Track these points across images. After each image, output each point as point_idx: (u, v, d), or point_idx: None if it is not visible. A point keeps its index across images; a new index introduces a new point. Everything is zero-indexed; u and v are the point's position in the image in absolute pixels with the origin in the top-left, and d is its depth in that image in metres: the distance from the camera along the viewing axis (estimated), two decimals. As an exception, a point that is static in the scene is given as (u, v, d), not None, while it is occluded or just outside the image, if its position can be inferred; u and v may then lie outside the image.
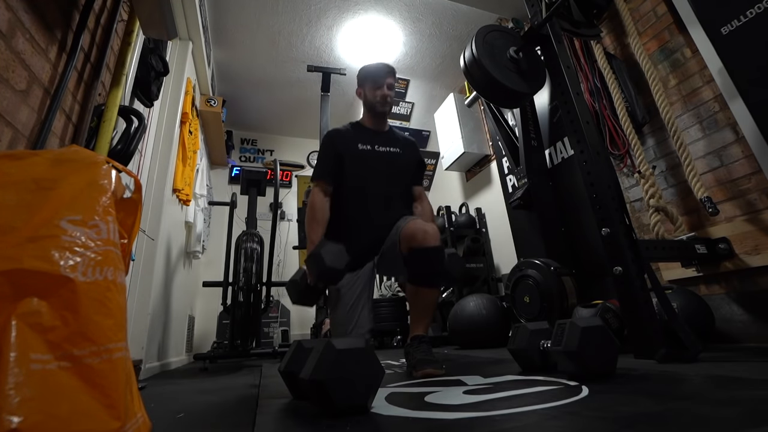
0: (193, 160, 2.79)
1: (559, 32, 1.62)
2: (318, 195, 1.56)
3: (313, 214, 1.52)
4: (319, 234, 1.49)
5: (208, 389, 1.40)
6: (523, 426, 0.58)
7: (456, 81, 3.93)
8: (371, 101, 1.66)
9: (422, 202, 1.73)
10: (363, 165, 1.59)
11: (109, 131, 1.17)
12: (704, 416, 0.56)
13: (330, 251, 1.33)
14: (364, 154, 1.61)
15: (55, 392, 0.45)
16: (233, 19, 3.03)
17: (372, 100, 1.66)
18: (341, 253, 1.34)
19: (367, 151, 1.62)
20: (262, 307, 2.54)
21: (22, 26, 0.89)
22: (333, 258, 1.31)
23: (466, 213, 3.58)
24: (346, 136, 1.65)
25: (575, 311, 1.61)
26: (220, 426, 0.84)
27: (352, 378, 0.73)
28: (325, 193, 1.57)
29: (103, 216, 0.58)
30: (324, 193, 1.56)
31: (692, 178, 1.67)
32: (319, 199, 1.55)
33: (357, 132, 1.67)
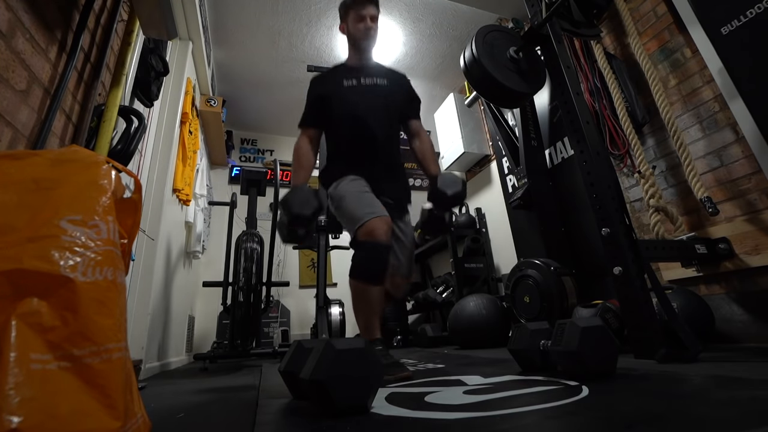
0: (193, 160, 2.79)
1: (559, 32, 1.62)
2: (302, 140, 1.55)
3: (297, 160, 1.52)
4: (302, 178, 1.48)
5: (208, 389, 1.40)
6: (523, 426, 0.58)
7: (456, 81, 3.93)
8: (354, 34, 1.61)
9: (420, 136, 1.66)
10: (350, 100, 1.56)
11: (109, 131, 1.17)
12: (704, 416, 0.56)
13: (298, 197, 1.33)
14: (350, 89, 1.58)
15: (55, 392, 0.45)
16: (233, 19, 3.02)
17: (355, 34, 1.61)
18: (310, 199, 1.33)
19: (352, 87, 1.58)
20: (262, 307, 2.54)
21: (22, 26, 0.89)
22: (300, 204, 1.31)
23: (466, 213, 3.58)
24: (329, 77, 1.63)
25: (575, 311, 1.61)
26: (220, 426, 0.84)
27: (352, 378, 0.73)
28: (310, 138, 1.56)
29: (103, 216, 0.58)
30: (308, 138, 1.55)
31: (692, 178, 1.67)
32: (304, 143, 1.54)
33: (341, 70, 1.65)
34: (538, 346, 1.10)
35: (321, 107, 1.57)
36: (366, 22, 1.59)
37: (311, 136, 1.57)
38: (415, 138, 1.67)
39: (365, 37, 1.60)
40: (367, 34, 1.60)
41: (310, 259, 4.23)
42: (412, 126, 1.67)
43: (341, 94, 1.56)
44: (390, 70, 1.71)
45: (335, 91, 1.57)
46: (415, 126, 1.68)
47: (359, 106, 1.54)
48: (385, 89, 1.61)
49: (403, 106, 1.66)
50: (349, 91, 1.57)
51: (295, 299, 4.03)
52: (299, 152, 1.53)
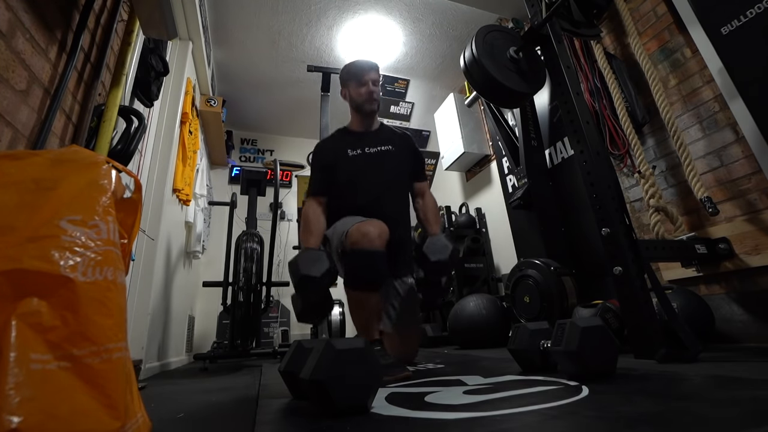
0: (193, 160, 2.79)
1: (559, 32, 1.62)
2: (312, 206, 1.53)
3: (306, 225, 1.48)
4: (312, 244, 1.44)
5: (208, 389, 1.40)
6: (523, 426, 0.58)
7: (456, 81, 3.93)
8: (357, 101, 1.62)
9: (424, 197, 1.68)
10: (355, 171, 1.55)
11: (109, 131, 1.17)
12: (704, 416, 0.56)
13: (307, 258, 1.27)
14: (355, 159, 1.57)
15: (55, 392, 0.45)
16: (233, 19, 3.02)
17: (357, 99, 1.61)
18: (319, 260, 1.27)
19: (357, 156, 1.58)
20: (262, 307, 2.54)
21: (22, 26, 0.89)
22: (308, 265, 1.25)
23: (466, 213, 3.58)
24: (334, 145, 1.62)
25: (575, 311, 1.61)
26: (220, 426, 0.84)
27: (352, 378, 0.73)
28: (319, 203, 1.54)
29: (103, 216, 0.58)
30: (318, 203, 1.54)
31: (692, 178, 1.67)
32: (313, 209, 1.52)
33: (345, 138, 1.64)
34: (538, 346, 1.10)
35: (327, 175, 1.57)
36: (368, 86, 1.60)
37: (320, 202, 1.55)
38: (418, 198, 1.68)
39: (368, 101, 1.60)
40: (369, 98, 1.60)
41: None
42: (416, 187, 1.69)
43: (346, 164, 1.56)
44: (394, 133, 1.71)
45: (340, 161, 1.57)
46: (419, 187, 1.70)
47: (364, 176, 1.55)
48: (391, 157, 1.60)
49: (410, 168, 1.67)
50: (353, 160, 1.57)
51: (295, 299, 4.03)
52: (308, 218, 1.50)
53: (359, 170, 1.56)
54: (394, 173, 1.60)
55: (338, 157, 1.58)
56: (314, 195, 1.56)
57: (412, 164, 1.69)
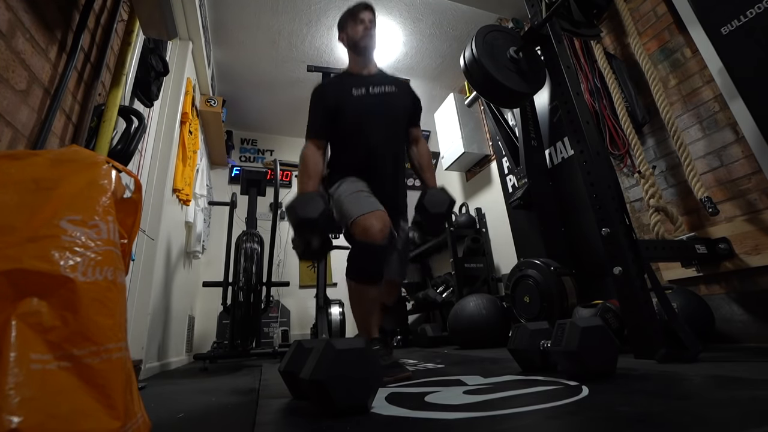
0: (193, 160, 2.79)
1: (559, 32, 1.62)
2: (310, 149, 1.52)
3: (305, 168, 1.49)
4: (310, 187, 1.45)
5: (208, 389, 1.40)
6: (523, 426, 0.58)
7: (456, 81, 3.93)
8: (353, 38, 1.61)
9: (419, 144, 1.70)
10: (361, 110, 1.54)
11: (109, 131, 1.17)
12: (704, 416, 0.56)
13: (303, 200, 1.30)
14: (360, 99, 1.56)
15: (55, 392, 0.45)
16: (233, 19, 3.02)
17: (354, 37, 1.60)
18: (316, 202, 1.30)
19: (362, 96, 1.56)
20: (262, 307, 2.54)
21: (22, 26, 0.89)
22: (306, 208, 1.28)
23: (466, 213, 3.58)
24: (337, 86, 1.61)
25: (575, 311, 1.61)
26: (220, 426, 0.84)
27: (352, 378, 0.73)
28: (318, 147, 1.54)
29: (103, 216, 0.58)
30: (316, 147, 1.53)
31: (692, 178, 1.67)
32: (312, 152, 1.51)
33: (347, 80, 1.63)
34: (538, 346, 1.10)
35: (328, 116, 1.55)
36: (364, 23, 1.60)
37: (319, 146, 1.54)
38: (413, 145, 1.69)
39: (364, 36, 1.59)
40: (366, 34, 1.59)
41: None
42: (412, 133, 1.69)
43: (352, 105, 1.55)
44: (395, 77, 1.71)
45: (344, 100, 1.55)
46: (414, 133, 1.70)
47: (370, 115, 1.54)
48: (393, 98, 1.61)
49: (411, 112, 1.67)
50: (358, 100, 1.56)
51: (295, 299, 4.03)
52: (307, 161, 1.50)
53: (365, 109, 1.55)
54: (398, 113, 1.61)
55: (342, 97, 1.56)
56: (313, 137, 1.55)
57: (413, 107, 1.69)
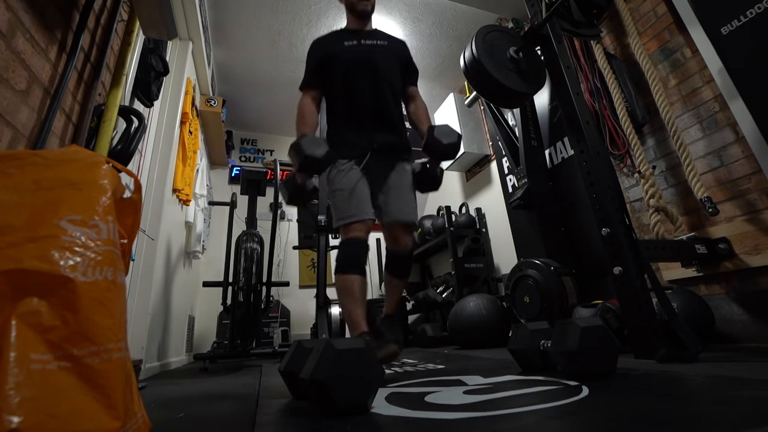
0: (193, 160, 2.79)
1: (559, 32, 1.62)
2: (305, 100, 1.60)
3: (302, 117, 1.57)
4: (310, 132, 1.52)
5: (208, 389, 1.40)
6: (523, 426, 0.58)
7: (456, 81, 3.93)
8: (351, 1, 1.66)
9: (416, 101, 1.73)
10: (351, 60, 1.59)
11: (109, 131, 1.17)
12: (704, 416, 0.56)
13: (309, 141, 1.36)
14: (351, 48, 1.61)
15: (55, 392, 0.45)
16: (233, 19, 3.02)
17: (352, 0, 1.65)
18: (320, 143, 1.37)
19: (353, 46, 1.62)
20: (262, 307, 2.54)
21: (22, 26, 0.89)
22: (312, 147, 1.34)
23: (466, 213, 3.58)
24: (330, 39, 1.67)
25: (575, 311, 1.61)
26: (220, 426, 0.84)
27: (352, 378, 0.73)
28: (313, 98, 1.61)
29: (103, 216, 0.58)
30: (311, 98, 1.60)
31: (692, 178, 1.67)
32: (307, 102, 1.59)
33: (341, 33, 1.69)
34: (538, 346, 1.10)
35: (322, 68, 1.61)
36: None
37: (314, 96, 1.61)
38: (410, 102, 1.73)
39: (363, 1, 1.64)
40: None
41: (310, 259, 4.23)
42: (409, 91, 1.74)
43: (342, 53, 1.60)
44: (389, 35, 1.76)
45: (336, 51, 1.61)
46: (411, 91, 1.74)
47: (360, 63, 1.59)
48: (385, 49, 1.66)
49: (402, 70, 1.70)
50: (349, 50, 1.61)
51: (295, 299, 4.03)
52: (303, 111, 1.58)
53: (355, 57, 1.60)
54: (389, 65, 1.64)
55: (335, 48, 1.62)
56: (308, 87, 1.62)
57: (406, 67, 1.72)
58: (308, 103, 1.59)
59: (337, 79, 1.59)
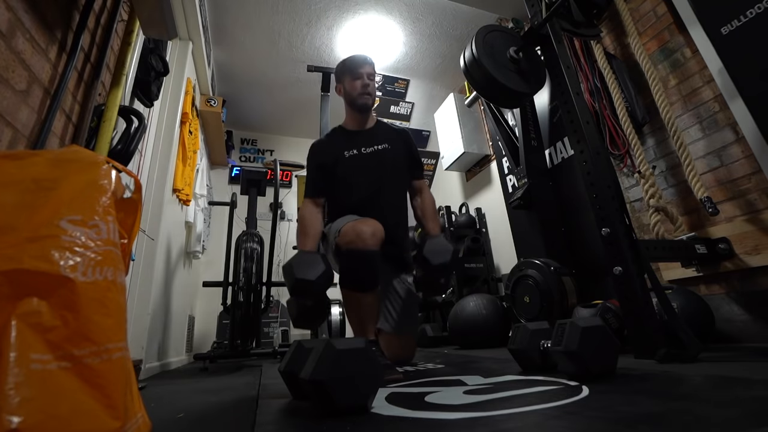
0: (193, 160, 2.79)
1: (559, 32, 1.62)
2: (308, 207, 1.52)
3: (303, 227, 1.48)
4: (308, 246, 1.42)
5: (208, 389, 1.39)
6: (523, 426, 0.58)
7: (456, 81, 3.93)
8: (351, 95, 1.61)
9: (422, 194, 1.68)
10: (352, 173, 1.55)
11: (109, 131, 1.17)
12: (704, 416, 0.55)
13: (301, 261, 1.25)
14: (352, 161, 1.57)
15: (55, 392, 0.45)
16: (233, 19, 3.02)
17: (351, 93, 1.61)
18: (314, 263, 1.25)
19: (353, 157, 1.57)
20: (262, 307, 2.54)
21: (22, 26, 0.89)
22: (303, 269, 1.22)
23: (466, 213, 3.58)
24: (329, 146, 1.61)
25: (575, 311, 1.61)
26: (220, 426, 0.84)
27: (353, 378, 0.73)
28: (316, 205, 1.54)
29: (103, 216, 0.58)
30: (314, 205, 1.53)
31: (692, 178, 1.67)
32: (309, 210, 1.51)
33: (340, 138, 1.63)
34: (538, 346, 1.10)
35: (324, 175, 1.56)
36: (363, 79, 1.59)
37: (317, 204, 1.55)
38: (416, 196, 1.68)
39: (361, 94, 1.59)
40: (364, 92, 1.59)
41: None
42: (414, 185, 1.69)
43: (343, 165, 1.56)
44: (391, 130, 1.70)
45: (338, 161, 1.56)
46: (417, 185, 1.69)
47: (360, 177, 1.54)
48: (386, 155, 1.60)
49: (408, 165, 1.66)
50: (350, 161, 1.57)
51: (295, 299, 4.02)
52: (305, 220, 1.49)
53: (355, 171, 1.56)
54: (391, 172, 1.60)
55: (335, 157, 1.58)
56: (311, 196, 1.55)
57: (410, 161, 1.68)
58: (311, 212, 1.50)
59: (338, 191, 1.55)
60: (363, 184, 1.54)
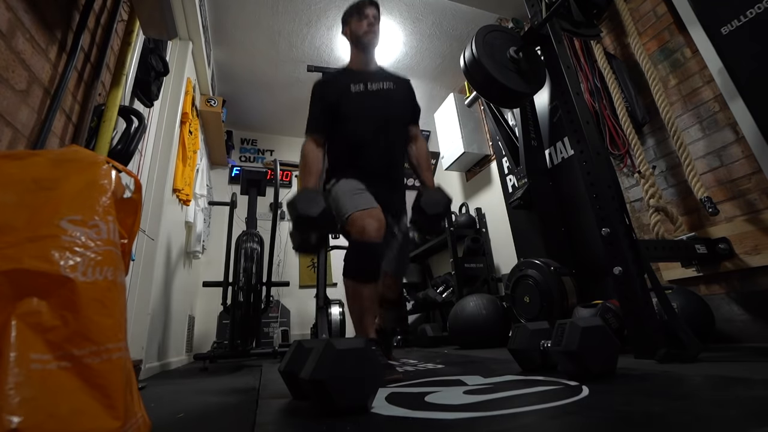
0: (193, 160, 2.79)
1: (559, 32, 1.62)
2: (310, 145, 1.54)
3: (306, 165, 1.50)
4: (311, 183, 1.47)
5: (208, 389, 1.39)
6: (523, 426, 0.58)
7: (456, 81, 3.93)
8: (357, 33, 1.63)
9: (417, 142, 1.71)
10: (358, 107, 1.56)
11: (109, 131, 1.17)
12: (704, 416, 0.55)
13: (304, 198, 1.32)
14: (358, 95, 1.58)
15: (55, 392, 0.45)
16: (233, 19, 3.02)
17: (357, 32, 1.63)
18: (317, 200, 1.32)
19: (360, 92, 1.58)
20: (262, 307, 2.54)
21: (22, 26, 0.89)
22: (306, 205, 1.29)
23: (466, 213, 3.58)
24: (336, 82, 1.63)
25: (575, 311, 1.61)
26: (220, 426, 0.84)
27: (353, 378, 0.73)
28: (317, 142, 1.55)
29: (103, 216, 0.58)
30: (316, 143, 1.55)
31: (692, 178, 1.67)
32: (311, 149, 1.53)
33: (346, 75, 1.66)
34: (538, 346, 1.10)
35: (328, 112, 1.57)
36: (369, 19, 1.62)
37: (318, 141, 1.56)
38: (411, 143, 1.70)
39: (368, 32, 1.62)
40: (370, 30, 1.62)
41: (310, 259, 4.23)
42: (410, 131, 1.70)
43: (349, 100, 1.57)
44: (395, 74, 1.73)
45: (343, 97, 1.57)
46: (413, 131, 1.71)
47: (367, 112, 1.55)
48: (391, 94, 1.62)
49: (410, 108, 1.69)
50: (356, 96, 1.57)
51: (295, 299, 4.03)
52: (307, 157, 1.51)
53: (362, 106, 1.57)
54: (396, 110, 1.62)
55: (340, 93, 1.58)
56: (313, 132, 1.56)
57: (411, 107, 1.71)
58: (313, 149, 1.53)
59: (342, 127, 1.55)
60: (368, 119, 1.55)
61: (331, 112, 1.56)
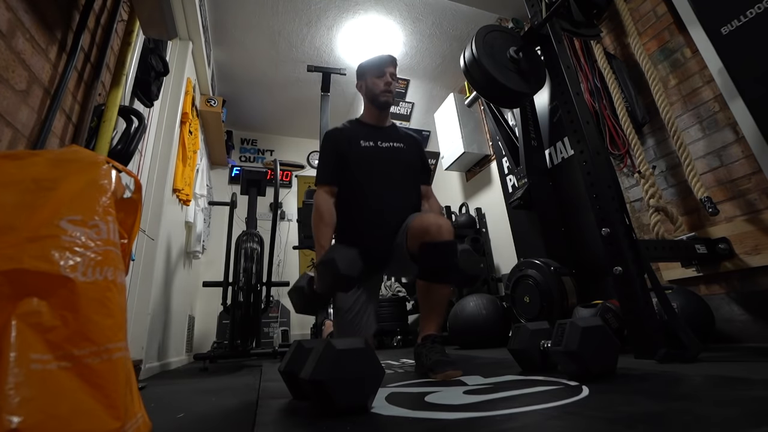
0: (193, 160, 2.79)
1: (559, 32, 1.62)
2: (323, 196, 1.51)
3: (320, 217, 1.47)
4: (329, 237, 1.45)
5: (208, 389, 1.40)
6: (523, 426, 0.58)
7: (456, 81, 3.93)
8: (373, 92, 1.61)
9: (429, 200, 1.69)
10: (367, 163, 1.55)
11: (109, 131, 1.17)
12: (704, 416, 0.55)
13: (344, 257, 1.25)
14: (368, 151, 1.57)
15: (55, 392, 0.45)
16: (233, 19, 3.02)
17: (374, 90, 1.61)
18: (356, 260, 1.27)
19: (370, 148, 1.57)
20: (262, 307, 2.54)
21: (22, 26, 0.89)
22: (348, 265, 1.24)
23: (466, 213, 3.58)
24: (347, 134, 1.60)
25: (575, 311, 1.61)
26: (220, 426, 0.84)
27: (353, 378, 0.73)
28: (330, 194, 1.54)
29: (103, 216, 0.58)
30: (329, 194, 1.53)
31: (692, 178, 1.67)
32: (325, 200, 1.51)
33: (358, 129, 1.63)
34: (538, 346, 1.10)
35: (338, 165, 1.56)
36: (386, 77, 1.60)
37: (331, 192, 1.54)
38: (423, 201, 1.68)
39: (386, 92, 1.60)
40: (387, 89, 1.60)
41: (310, 259, 4.23)
42: (423, 190, 1.69)
43: (358, 155, 1.56)
44: (405, 132, 1.72)
45: (352, 151, 1.56)
46: (425, 190, 1.70)
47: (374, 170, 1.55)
48: (401, 154, 1.61)
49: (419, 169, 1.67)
50: (365, 152, 1.56)
51: (295, 299, 4.03)
52: (321, 209, 1.49)
53: (370, 162, 1.56)
54: (404, 170, 1.61)
55: (351, 145, 1.57)
56: (325, 183, 1.55)
57: (421, 166, 1.69)
58: (325, 201, 1.51)
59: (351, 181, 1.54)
60: (376, 176, 1.54)
61: (340, 162, 1.56)
